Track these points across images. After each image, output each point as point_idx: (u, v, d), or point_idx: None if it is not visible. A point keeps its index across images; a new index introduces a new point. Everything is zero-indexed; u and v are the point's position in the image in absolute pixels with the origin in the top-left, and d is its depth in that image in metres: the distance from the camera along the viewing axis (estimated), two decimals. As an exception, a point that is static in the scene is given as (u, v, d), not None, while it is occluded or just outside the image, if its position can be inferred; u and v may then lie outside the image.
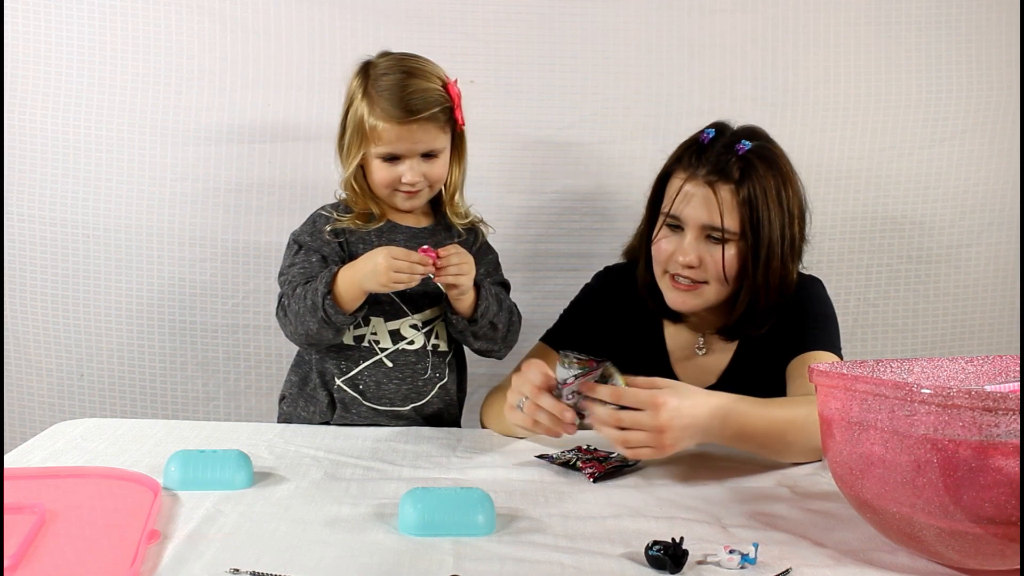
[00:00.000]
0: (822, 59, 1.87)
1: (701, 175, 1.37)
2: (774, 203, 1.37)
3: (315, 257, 1.47)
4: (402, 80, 1.43)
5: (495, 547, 0.93)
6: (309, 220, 1.53)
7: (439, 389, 1.51)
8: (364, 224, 1.49)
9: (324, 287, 1.38)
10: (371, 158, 1.46)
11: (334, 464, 1.23)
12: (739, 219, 1.35)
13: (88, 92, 1.82)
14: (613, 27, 1.86)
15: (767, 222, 1.36)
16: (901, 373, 1.04)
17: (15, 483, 1.07)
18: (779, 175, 1.39)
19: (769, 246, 1.36)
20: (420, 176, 1.45)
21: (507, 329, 1.52)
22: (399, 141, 1.43)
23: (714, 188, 1.35)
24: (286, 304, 1.44)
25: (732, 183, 1.35)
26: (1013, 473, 0.80)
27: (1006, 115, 1.90)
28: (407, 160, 1.45)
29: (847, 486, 0.94)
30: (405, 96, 1.42)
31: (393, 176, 1.46)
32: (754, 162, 1.36)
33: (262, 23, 1.83)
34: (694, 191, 1.37)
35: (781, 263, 1.38)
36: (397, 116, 1.41)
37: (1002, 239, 1.94)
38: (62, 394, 1.90)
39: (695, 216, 1.37)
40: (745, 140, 1.38)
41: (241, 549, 0.92)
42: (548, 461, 1.24)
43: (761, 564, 0.90)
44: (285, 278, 1.48)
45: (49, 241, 1.86)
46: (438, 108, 1.43)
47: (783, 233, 1.38)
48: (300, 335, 1.44)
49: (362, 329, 1.48)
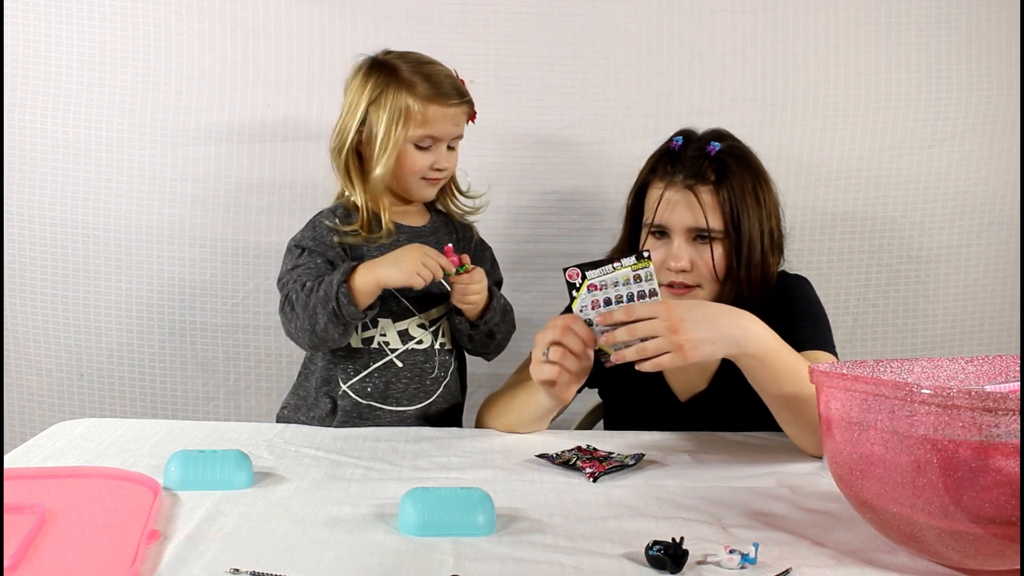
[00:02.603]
0: (822, 59, 1.88)
1: (679, 181, 1.40)
2: (751, 199, 1.40)
3: (320, 259, 1.47)
4: (431, 67, 1.46)
5: (495, 547, 0.93)
6: (309, 225, 1.52)
7: (444, 388, 1.52)
8: (369, 236, 1.48)
9: (341, 276, 1.38)
10: (404, 144, 1.46)
11: (334, 464, 1.23)
12: (722, 218, 1.39)
13: (88, 92, 1.82)
14: (613, 27, 1.86)
15: (747, 218, 1.39)
16: (901, 373, 1.04)
17: (15, 483, 1.07)
18: (752, 172, 1.42)
19: (750, 242, 1.39)
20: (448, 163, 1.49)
21: (504, 339, 1.55)
22: (444, 122, 1.46)
23: (694, 191, 1.39)
24: (293, 299, 1.42)
25: (710, 184, 1.39)
26: (1013, 473, 0.80)
27: (1006, 115, 1.90)
28: (439, 146, 1.47)
29: (847, 486, 0.94)
30: (442, 80, 1.45)
31: (427, 162, 1.48)
32: (727, 161, 1.40)
33: (262, 23, 1.83)
34: (676, 197, 1.40)
35: (762, 258, 1.41)
36: (444, 99, 1.44)
37: (1002, 239, 1.94)
38: (62, 394, 1.90)
39: (681, 221, 1.40)
40: (714, 142, 1.42)
41: (241, 549, 0.92)
42: (548, 461, 1.24)
43: (761, 564, 0.90)
44: (288, 280, 1.47)
45: (49, 241, 1.86)
46: (468, 96, 1.48)
47: (762, 228, 1.41)
48: (305, 331, 1.41)
49: (370, 331, 1.47)
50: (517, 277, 1.82)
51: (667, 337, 1.18)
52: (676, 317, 1.19)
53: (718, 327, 1.20)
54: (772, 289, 1.44)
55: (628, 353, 1.22)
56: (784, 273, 1.50)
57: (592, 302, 1.27)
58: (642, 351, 1.20)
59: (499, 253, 1.64)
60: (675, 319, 1.19)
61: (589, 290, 1.27)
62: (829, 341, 1.41)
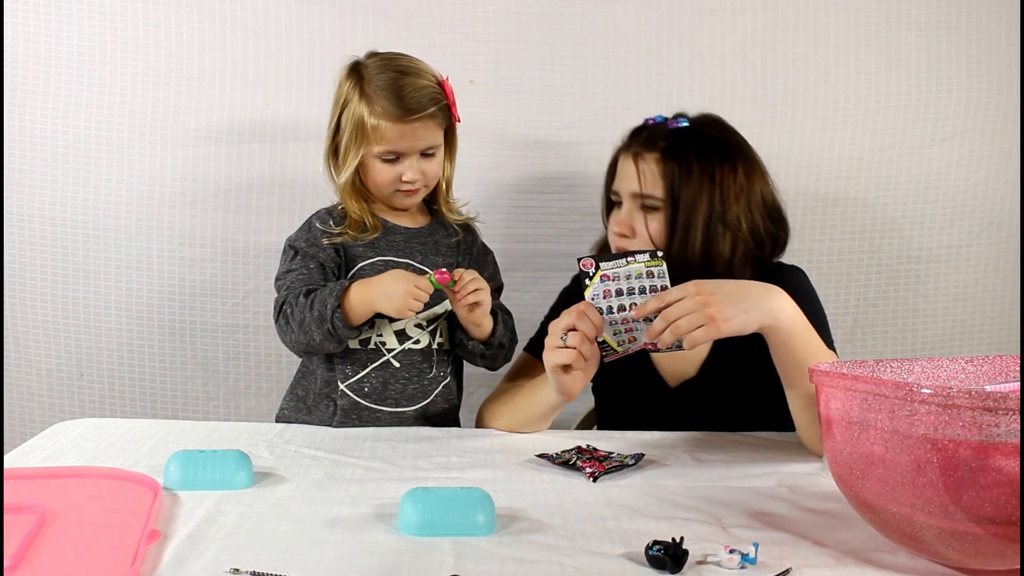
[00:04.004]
0: (822, 59, 1.88)
1: (632, 149, 1.44)
2: (704, 176, 1.39)
3: (313, 263, 1.47)
4: (399, 79, 1.43)
5: (495, 547, 0.93)
6: (304, 226, 1.52)
7: (442, 388, 1.52)
8: (358, 235, 1.49)
9: (335, 300, 1.38)
10: (370, 158, 1.46)
11: (334, 464, 1.23)
12: (663, 187, 1.40)
13: (88, 92, 1.82)
14: (613, 27, 1.86)
15: (691, 192, 1.39)
16: (901, 373, 1.04)
17: (15, 483, 1.07)
18: (719, 153, 1.42)
19: (691, 217, 1.39)
20: (420, 174, 1.46)
21: (510, 345, 1.54)
22: (401, 140, 1.43)
23: (641, 157, 1.42)
24: (288, 312, 1.43)
25: (657, 152, 1.41)
26: (1013, 473, 0.80)
27: (1006, 115, 1.90)
28: (407, 159, 1.45)
29: (847, 486, 0.94)
30: (405, 95, 1.42)
31: (394, 175, 1.46)
32: (685, 136, 1.42)
33: (262, 23, 1.83)
34: (626, 164, 1.44)
35: (706, 237, 1.39)
36: (399, 115, 1.42)
37: (1002, 239, 1.94)
38: (62, 394, 1.90)
39: (628, 186, 1.43)
40: (683, 119, 1.45)
41: (241, 549, 0.92)
42: (548, 461, 1.24)
43: (761, 564, 0.90)
44: (283, 283, 1.48)
45: (49, 241, 1.86)
46: (436, 106, 1.44)
47: (712, 207, 1.39)
48: (301, 343, 1.43)
49: (367, 332, 1.47)
50: (517, 277, 1.82)
51: (699, 311, 1.18)
52: (706, 291, 1.20)
53: (749, 299, 1.21)
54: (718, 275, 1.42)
55: (665, 336, 1.21)
56: (780, 264, 1.50)
57: (604, 291, 1.28)
58: (676, 330, 1.20)
59: (499, 253, 1.64)
60: (705, 293, 1.19)
61: (602, 280, 1.28)
62: (829, 339, 1.41)
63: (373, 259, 1.49)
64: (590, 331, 1.28)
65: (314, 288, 1.43)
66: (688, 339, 1.20)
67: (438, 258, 1.53)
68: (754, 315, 1.20)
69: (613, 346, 1.31)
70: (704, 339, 1.19)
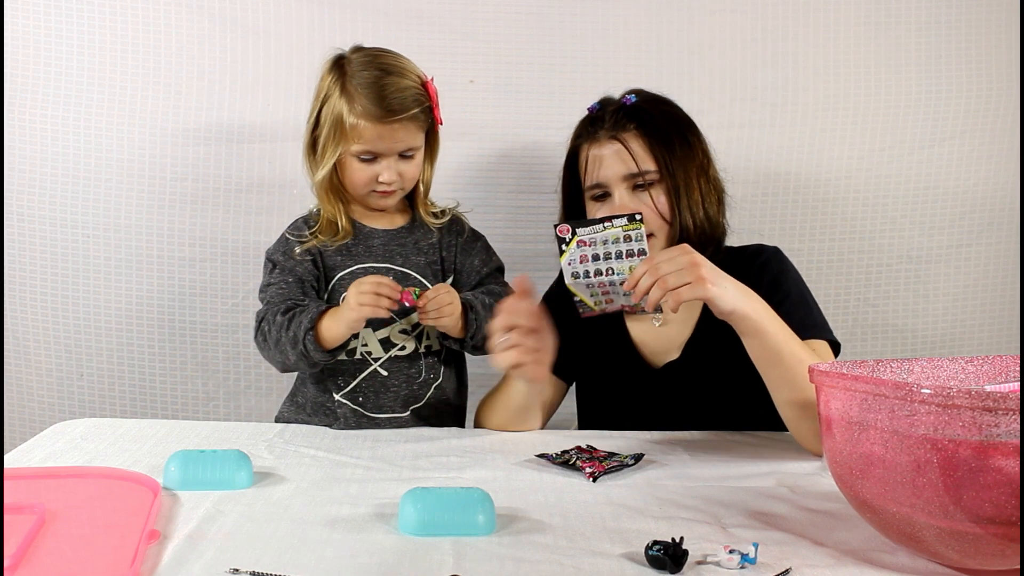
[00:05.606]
0: (822, 59, 1.87)
1: (603, 136, 1.43)
2: (679, 139, 1.42)
3: (291, 277, 1.46)
4: (381, 78, 1.41)
5: (495, 547, 0.93)
6: (281, 238, 1.51)
7: (435, 390, 1.51)
8: (331, 239, 1.47)
9: (308, 323, 1.37)
10: (347, 157, 1.43)
11: (334, 464, 1.23)
12: (653, 159, 1.41)
13: (88, 92, 1.82)
14: (613, 27, 1.86)
15: (679, 155, 1.41)
16: (901, 373, 1.04)
17: (15, 483, 1.07)
18: (676, 116, 1.46)
19: (686, 180, 1.41)
20: (397, 175, 1.45)
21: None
22: (380, 140, 1.41)
23: (620, 139, 1.41)
24: (266, 330, 1.42)
25: (634, 127, 1.41)
26: (1013, 473, 0.80)
27: (1006, 115, 1.90)
28: (384, 159, 1.44)
29: (847, 486, 0.94)
30: (387, 94, 1.40)
31: (370, 175, 1.44)
32: (646, 107, 1.44)
33: (262, 23, 1.83)
34: (604, 151, 1.43)
35: (702, 199, 1.42)
36: (379, 115, 1.39)
37: (1002, 239, 1.94)
38: (62, 394, 1.90)
39: (615, 171, 1.42)
40: (629, 95, 1.46)
41: (241, 549, 0.92)
42: (548, 461, 1.24)
43: (761, 564, 0.90)
44: (263, 298, 1.47)
45: (49, 241, 1.86)
46: (418, 108, 1.42)
47: (700, 167, 1.42)
48: (278, 362, 1.44)
49: (352, 342, 1.46)
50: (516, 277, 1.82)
51: (688, 269, 1.20)
52: (696, 255, 1.21)
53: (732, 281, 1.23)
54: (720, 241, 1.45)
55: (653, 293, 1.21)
56: (761, 246, 1.50)
57: (580, 256, 1.29)
58: (663, 283, 1.20)
59: (499, 253, 1.63)
60: (695, 256, 1.21)
61: (578, 246, 1.28)
62: (825, 324, 1.40)
63: (352, 268, 1.48)
64: (523, 319, 1.30)
65: (293, 306, 1.42)
66: (673, 295, 1.20)
67: (420, 258, 1.51)
68: (734, 293, 1.22)
69: (590, 305, 1.33)
70: (689, 296, 1.20)
